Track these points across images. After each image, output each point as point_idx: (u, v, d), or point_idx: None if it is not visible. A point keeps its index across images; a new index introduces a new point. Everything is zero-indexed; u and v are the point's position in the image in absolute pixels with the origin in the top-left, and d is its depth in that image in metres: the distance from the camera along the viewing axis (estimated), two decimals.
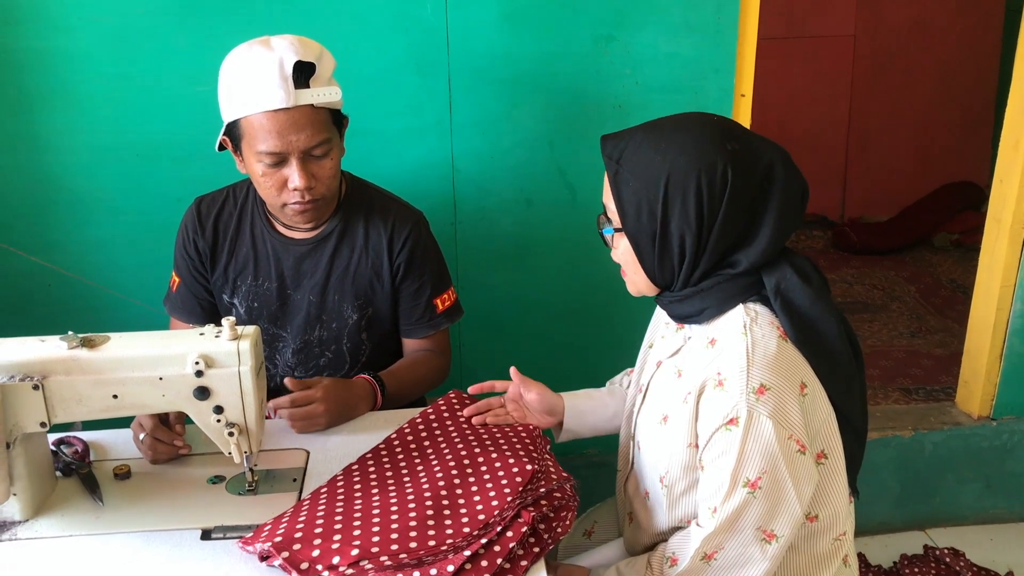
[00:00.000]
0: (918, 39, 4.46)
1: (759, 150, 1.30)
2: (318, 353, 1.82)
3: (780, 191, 1.29)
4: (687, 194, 1.27)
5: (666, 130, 1.32)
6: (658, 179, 1.28)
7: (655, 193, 1.28)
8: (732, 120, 1.36)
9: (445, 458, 1.45)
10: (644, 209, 1.30)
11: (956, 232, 4.40)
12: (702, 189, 1.26)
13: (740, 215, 1.29)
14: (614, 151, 1.34)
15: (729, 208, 1.27)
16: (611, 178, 1.34)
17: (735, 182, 1.26)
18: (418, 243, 1.80)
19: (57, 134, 2.06)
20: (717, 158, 1.26)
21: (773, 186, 1.29)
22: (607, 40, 2.15)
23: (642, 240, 1.33)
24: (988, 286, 2.54)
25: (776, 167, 1.29)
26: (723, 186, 1.26)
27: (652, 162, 1.29)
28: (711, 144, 1.28)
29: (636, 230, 1.33)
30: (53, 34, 1.98)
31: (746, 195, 1.28)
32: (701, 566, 1.32)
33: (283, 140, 1.56)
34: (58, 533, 1.34)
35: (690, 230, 1.29)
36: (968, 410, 2.69)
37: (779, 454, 1.24)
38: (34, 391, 1.28)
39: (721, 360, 1.30)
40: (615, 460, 1.62)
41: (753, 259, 1.30)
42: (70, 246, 2.15)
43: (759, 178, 1.29)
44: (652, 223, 1.30)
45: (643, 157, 1.30)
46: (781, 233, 1.30)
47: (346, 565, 1.18)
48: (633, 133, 1.34)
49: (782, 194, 1.29)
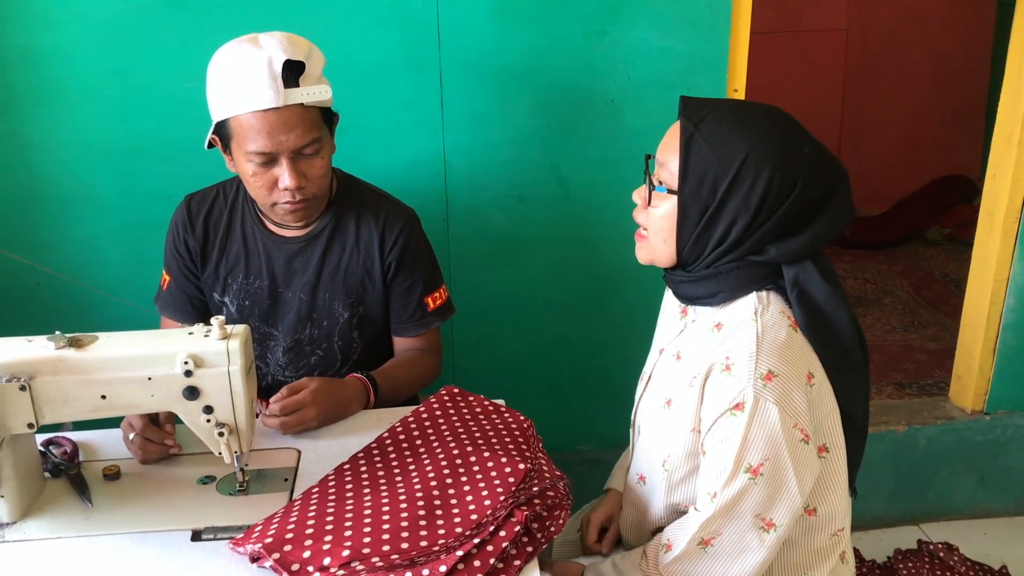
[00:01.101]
0: (910, 33, 4.46)
1: (829, 164, 1.31)
2: (309, 352, 1.81)
3: (834, 209, 1.30)
4: (757, 181, 1.26)
5: (753, 112, 1.31)
6: (734, 156, 1.27)
7: (727, 169, 1.27)
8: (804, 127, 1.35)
9: (437, 457, 1.44)
10: (708, 181, 1.28)
11: (949, 226, 4.40)
12: (773, 181, 1.26)
13: (792, 218, 1.29)
14: (694, 114, 1.31)
15: (788, 209, 1.27)
16: (683, 140, 1.30)
17: (803, 187, 1.27)
18: (409, 241, 1.79)
19: (44, 131, 2.04)
20: (795, 158, 1.27)
21: (830, 203, 1.30)
22: (599, 35, 2.14)
23: (692, 210, 1.31)
24: (981, 280, 2.54)
25: (840, 187, 1.31)
26: (791, 187, 1.26)
27: (733, 138, 1.27)
28: (793, 142, 1.28)
29: (691, 199, 1.30)
30: (40, 30, 1.96)
31: (806, 202, 1.28)
32: (697, 551, 1.32)
33: (273, 140, 1.55)
34: (47, 535, 1.33)
35: (744, 217, 1.28)
36: (961, 404, 2.69)
37: (783, 441, 1.24)
38: (21, 392, 1.27)
39: (729, 344, 1.30)
40: (609, 457, 1.62)
41: (783, 253, 1.31)
42: (58, 245, 2.13)
43: (822, 190, 1.29)
44: (710, 197, 1.29)
45: (726, 129, 1.28)
46: (817, 243, 1.31)
47: (337, 566, 1.17)
48: (719, 102, 1.33)
49: (834, 213, 1.30)
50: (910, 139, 4.60)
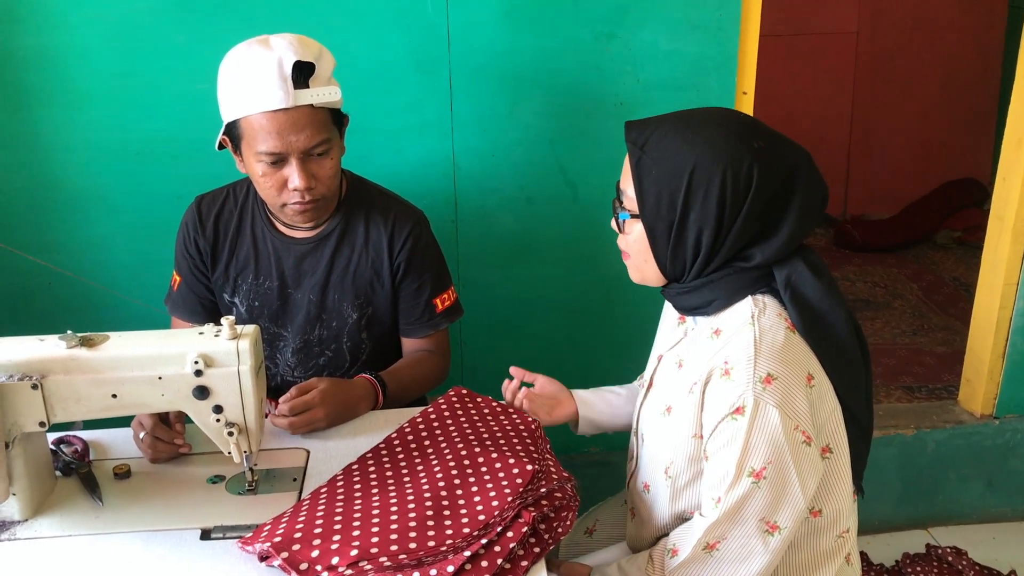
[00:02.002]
0: (921, 36, 4.44)
1: (784, 150, 1.30)
2: (318, 352, 1.82)
3: (802, 193, 1.30)
4: (710, 188, 1.26)
5: (694, 122, 1.32)
6: (683, 170, 1.27)
7: (678, 183, 1.28)
8: (757, 119, 1.36)
9: (445, 458, 1.44)
10: (664, 198, 1.29)
11: (959, 229, 4.39)
12: (726, 184, 1.26)
13: (760, 214, 1.29)
14: (639, 137, 1.33)
15: (751, 207, 1.27)
16: (633, 164, 1.33)
17: (760, 181, 1.26)
18: (418, 242, 1.79)
19: (56, 132, 2.05)
20: (744, 155, 1.26)
21: (796, 187, 1.29)
22: (608, 37, 2.14)
23: (658, 229, 1.32)
24: (991, 284, 2.53)
25: (800, 168, 1.30)
26: (748, 184, 1.26)
27: (678, 152, 1.28)
28: (739, 140, 1.27)
29: (654, 219, 1.32)
30: (52, 32, 1.98)
31: (768, 194, 1.28)
32: (702, 556, 1.32)
33: (283, 141, 1.56)
34: (57, 533, 1.33)
35: (709, 225, 1.28)
36: (971, 408, 2.68)
37: (785, 444, 1.24)
38: (33, 390, 1.28)
39: (728, 349, 1.30)
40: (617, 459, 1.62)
41: (768, 255, 1.31)
42: (69, 245, 2.15)
43: (782, 178, 1.29)
44: (671, 213, 1.30)
45: (669, 146, 1.29)
46: (799, 233, 1.31)
47: (345, 566, 1.17)
48: (661, 121, 1.34)
49: (804, 196, 1.30)
50: (920, 142, 4.58)
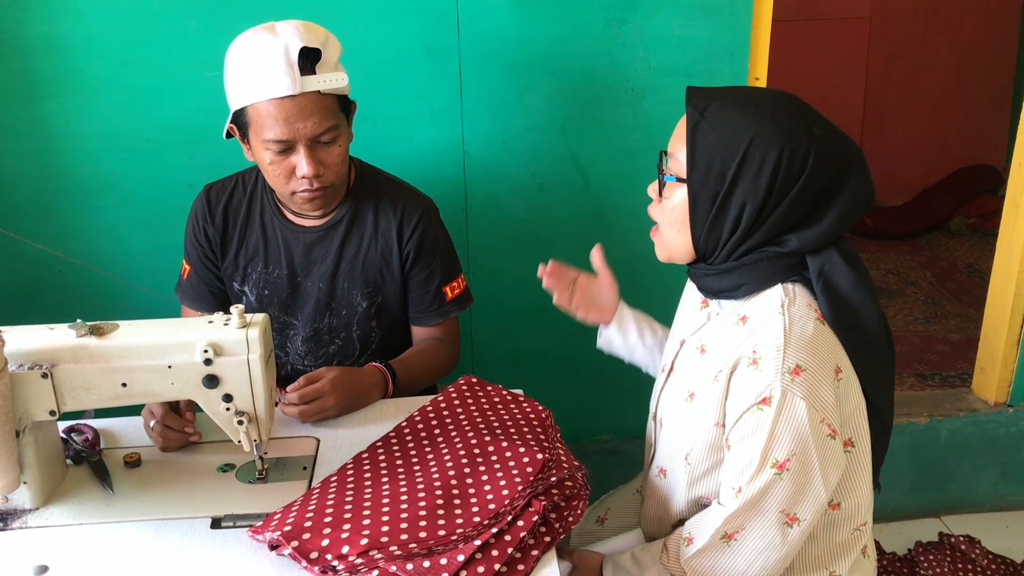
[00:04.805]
0: (934, 20, 4.41)
1: (842, 143, 1.29)
2: (328, 341, 1.81)
3: (851, 188, 1.28)
4: (765, 163, 1.25)
5: (759, 96, 1.31)
6: (740, 140, 1.26)
7: (733, 153, 1.26)
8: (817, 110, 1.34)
9: (455, 446, 1.44)
10: (716, 166, 1.27)
11: (973, 216, 4.36)
12: (781, 163, 1.24)
13: (807, 201, 1.27)
14: (700, 101, 1.31)
15: (800, 191, 1.26)
16: (690, 127, 1.30)
17: (814, 167, 1.25)
18: (428, 230, 1.78)
19: (65, 121, 2.05)
20: (803, 138, 1.25)
21: (847, 181, 1.28)
22: (620, 23, 2.12)
23: (702, 198, 1.30)
24: (1006, 271, 2.51)
25: (855, 163, 1.29)
26: (802, 167, 1.25)
27: (739, 122, 1.27)
28: (800, 123, 1.26)
29: (700, 186, 1.30)
30: (61, 19, 1.97)
31: (819, 183, 1.27)
32: (720, 544, 1.31)
33: (290, 128, 1.55)
34: (68, 521, 1.34)
35: (754, 201, 1.26)
36: (984, 396, 2.66)
37: (810, 437, 1.23)
38: (43, 379, 1.28)
39: (756, 338, 1.28)
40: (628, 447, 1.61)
41: (804, 243, 1.29)
42: (79, 233, 2.15)
43: (835, 169, 1.27)
44: (719, 183, 1.28)
45: (731, 114, 1.28)
46: (839, 226, 1.29)
47: (356, 555, 1.17)
48: (725, 89, 1.33)
49: (852, 191, 1.28)
50: (934, 128, 4.54)
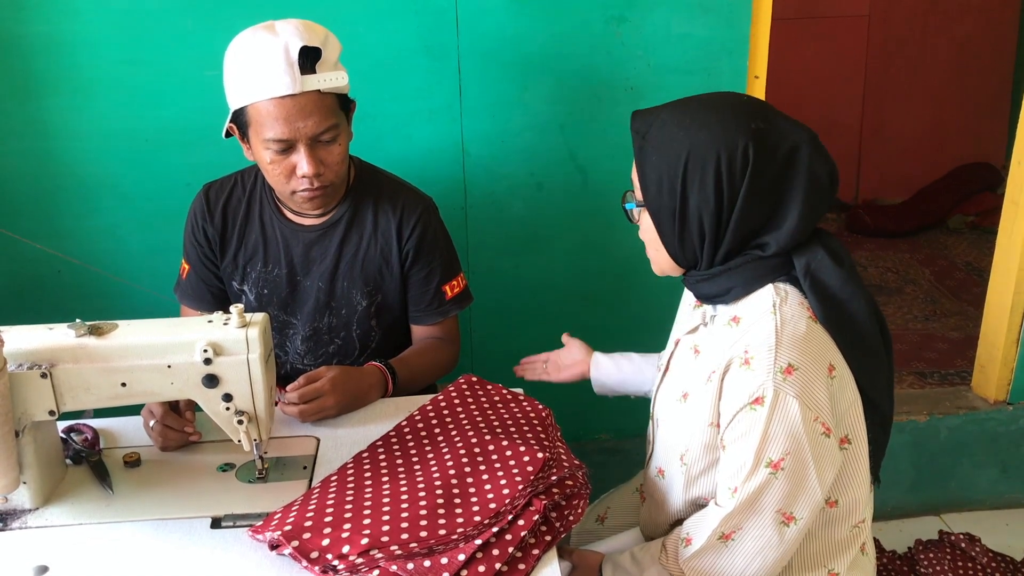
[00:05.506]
0: (933, 18, 4.40)
1: (785, 131, 1.29)
2: (328, 340, 1.81)
3: (806, 173, 1.27)
4: (706, 171, 1.26)
5: (692, 107, 1.32)
6: (679, 155, 1.28)
7: (675, 169, 1.28)
8: (763, 101, 1.35)
9: (456, 445, 1.44)
10: (664, 185, 1.30)
11: (972, 214, 4.36)
12: (721, 167, 1.25)
13: (763, 196, 1.27)
14: (642, 126, 1.35)
15: (750, 188, 1.26)
16: (636, 153, 1.35)
17: (756, 162, 1.25)
18: (427, 229, 1.78)
19: (64, 120, 2.05)
20: (739, 137, 1.25)
21: (797, 168, 1.28)
22: (619, 21, 2.12)
23: (663, 216, 1.33)
24: (1005, 269, 2.51)
25: (801, 148, 1.28)
26: (744, 165, 1.25)
27: (675, 138, 1.29)
28: (735, 123, 1.26)
29: (657, 206, 1.33)
30: (60, 19, 1.97)
31: (768, 175, 1.26)
32: (717, 545, 1.31)
33: (290, 127, 1.55)
34: (68, 521, 1.33)
35: (708, 208, 1.28)
36: (984, 394, 2.66)
37: (804, 436, 1.23)
38: (42, 379, 1.28)
39: (748, 338, 1.28)
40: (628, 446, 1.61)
41: (782, 242, 1.29)
42: (78, 233, 2.15)
43: (783, 159, 1.27)
44: (672, 199, 1.30)
45: (667, 133, 1.30)
46: (809, 216, 1.29)
47: (356, 554, 1.17)
48: (662, 109, 1.35)
49: (808, 176, 1.28)
50: (932, 126, 4.54)
